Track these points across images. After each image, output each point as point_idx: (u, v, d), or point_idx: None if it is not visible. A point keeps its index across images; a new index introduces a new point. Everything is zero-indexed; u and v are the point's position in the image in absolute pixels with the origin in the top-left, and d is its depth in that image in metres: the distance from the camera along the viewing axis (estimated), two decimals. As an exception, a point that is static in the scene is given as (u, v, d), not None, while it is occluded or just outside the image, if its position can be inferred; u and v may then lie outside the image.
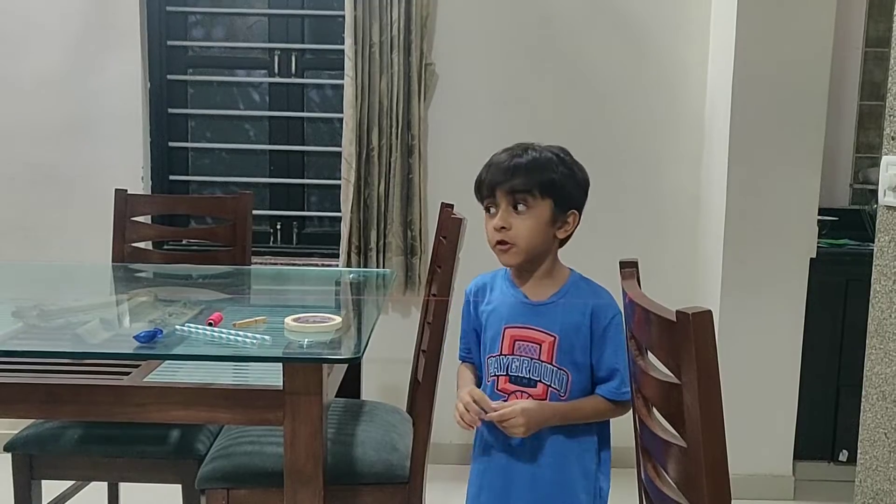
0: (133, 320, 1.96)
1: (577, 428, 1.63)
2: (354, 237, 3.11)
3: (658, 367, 1.09)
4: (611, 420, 1.68)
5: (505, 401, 1.63)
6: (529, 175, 1.59)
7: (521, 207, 1.60)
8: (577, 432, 1.64)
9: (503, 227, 1.61)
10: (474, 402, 1.62)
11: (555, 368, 1.61)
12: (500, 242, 1.63)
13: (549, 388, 1.62)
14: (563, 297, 1.64)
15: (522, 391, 1.64)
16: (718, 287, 2.97)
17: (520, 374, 1.64)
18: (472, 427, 1.65)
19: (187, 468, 2.05)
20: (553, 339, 1.61)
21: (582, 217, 1.68)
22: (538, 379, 1.63)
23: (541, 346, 1.62)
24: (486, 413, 1.60)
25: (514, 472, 1.66)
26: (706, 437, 0.92)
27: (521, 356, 1.64)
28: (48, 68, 3.18)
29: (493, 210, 1.64)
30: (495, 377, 1.67)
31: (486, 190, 1.64)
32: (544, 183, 1.60)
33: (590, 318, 1.61)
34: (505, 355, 1.66)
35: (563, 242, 1.68)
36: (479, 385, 1.73)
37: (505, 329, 1.66)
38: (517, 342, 1.64)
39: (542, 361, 1.62)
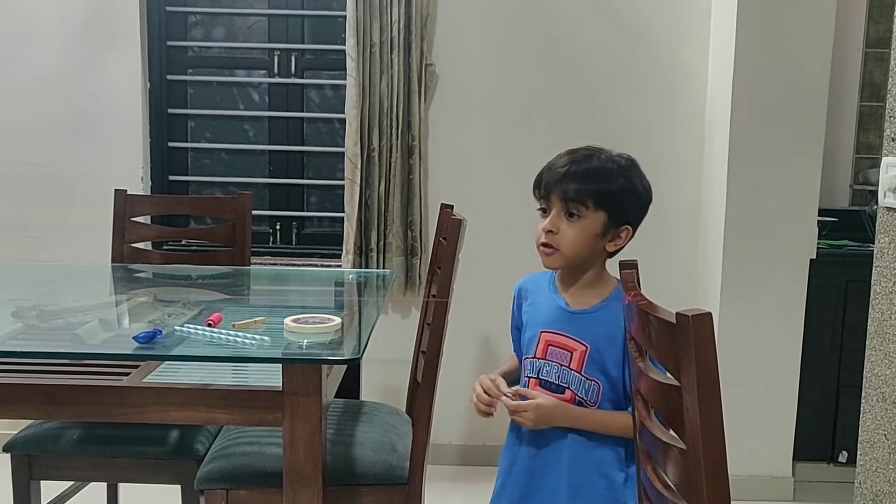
0: (132, 321, 1.95)
1: (603, 439, 1.62)
2: (355, 237, 3.10)
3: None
4: None
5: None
6: (586, 183, 1.57)
7: (573, 215, 1.58)
8: (599, 442, 1.62)
9: (551, 231, 1.59)
10: (485, 391, 1.64)
11: (583, 378, 1.60)
12: (544, 245, 1.61)
13: (576, 397, 1.61)
14: (602, 309, 1.63)
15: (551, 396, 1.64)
16: (718, 287, 2.96)
17: (549, 379, 1.64)
18: (488, 413, 1.65)
19: (186, 468, 2.05)
20: (585, 348, 1.60)
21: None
22: (566, 386, 1.62)
23: (572, 354, 1.61)
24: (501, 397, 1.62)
25: (536, 474, 1.65)
26: (706, 439, 0.92)
27: (552, 362, 1.63)
28: (48, 68, 3.18)
29: (545, 210, 1.62)
30: (527, 379, 1.67)
31: (542, 191, 1.62)
32: (600, 193, 1.57)
33: (624, 332, 1.58)
34: (538, 359, 1.65)
35: (612, 254, 1.65)
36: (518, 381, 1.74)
37: (541, 333, 1.65)
38: (550, 347, 1.64)
39: (572, 369, 1.61)
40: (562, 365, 1.62)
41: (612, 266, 1.54)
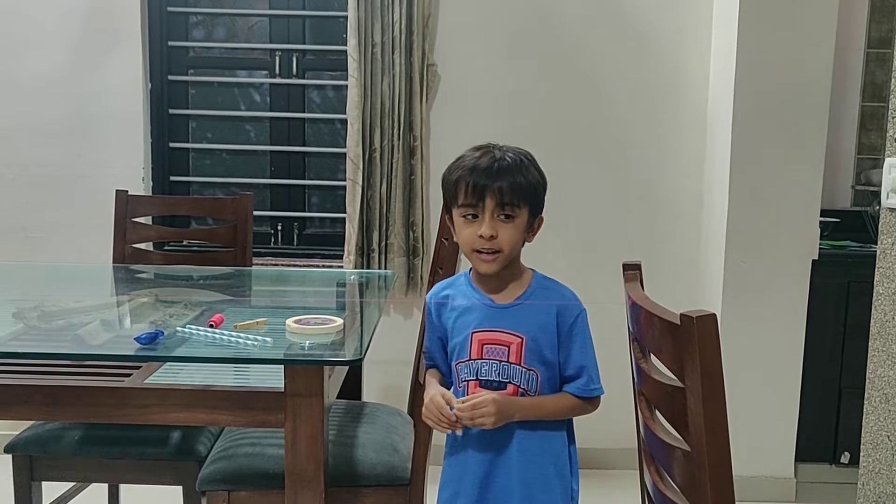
0: (134, 322, 1.95)
1: (547, 426, 1.63)
2: (357, 238, 3.10)
3: (661, 369, 1.08)
4: (574, 420, 1.68)
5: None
6: (517, 179, 1.55)
7: (507, 215, 1.56)
8: (547, 431, 1.63)
9: (492, 236, 1.56)
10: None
11: (524, 369, 1.61)
12: (485, 251, 1.57)
13: (519, 389, 1.61)
14: (529, 298, 1.63)
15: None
16: (720, 288, 2.96)
17: (489, 378, 1.62)
18: (459, 429, 1.59)
19: (188, 470, 2.05)
20: (521, 340, 1.60)
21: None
22: (508, 381, 1.61)
23: (509, 347, 1.61)
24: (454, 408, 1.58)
25: (488, 475, 1.63)
26: (710, 440, 0.92)
27: (490, 359, 1.62)
28: (49, 68, 3.18)
29: (475, 216, 1.57)
30: (466, 382, 1.65)
31: (471, 196, 1.56)
32: (528, 189, 1.57)
33: (556, 317, 1.61)
34: (474, 360, 1.63)
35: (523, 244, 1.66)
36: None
37: (472, 334, 1.63)
38: (485, 346, 1.63)
39: (511, 363, 1.61)
40: (501, 361, 1.61)
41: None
